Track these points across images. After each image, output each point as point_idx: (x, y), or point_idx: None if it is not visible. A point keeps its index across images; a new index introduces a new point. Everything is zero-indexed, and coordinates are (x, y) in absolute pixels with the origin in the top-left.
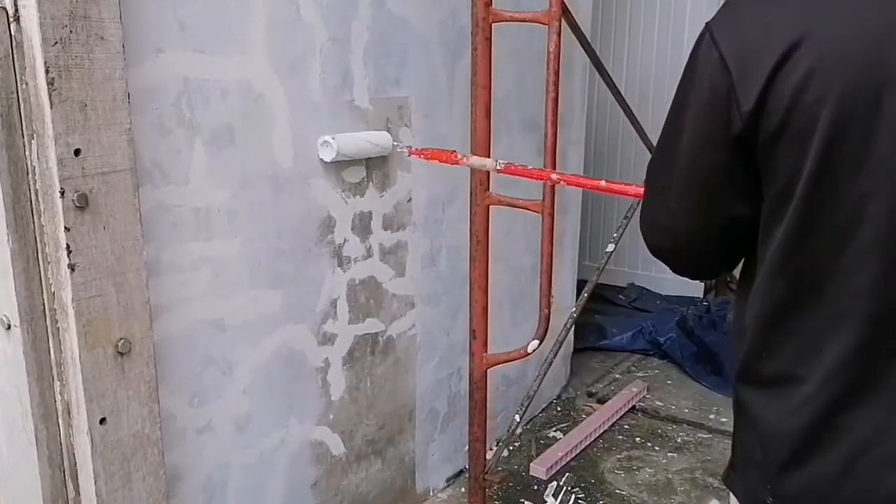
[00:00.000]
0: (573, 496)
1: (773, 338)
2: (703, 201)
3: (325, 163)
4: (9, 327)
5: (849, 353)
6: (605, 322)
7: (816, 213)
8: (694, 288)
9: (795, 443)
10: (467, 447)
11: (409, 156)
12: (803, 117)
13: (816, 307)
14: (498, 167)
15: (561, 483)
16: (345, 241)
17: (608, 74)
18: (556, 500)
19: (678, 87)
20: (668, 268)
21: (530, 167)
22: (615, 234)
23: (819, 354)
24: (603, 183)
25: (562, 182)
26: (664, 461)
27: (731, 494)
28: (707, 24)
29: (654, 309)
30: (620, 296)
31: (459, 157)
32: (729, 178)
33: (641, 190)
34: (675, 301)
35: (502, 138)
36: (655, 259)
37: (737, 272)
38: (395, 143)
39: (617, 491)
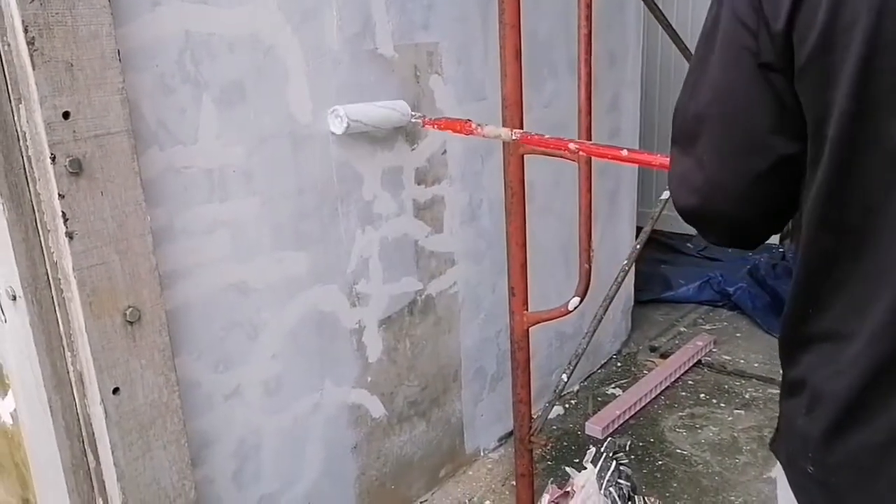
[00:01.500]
0: (615, 461)
1: (819, 292)
2: (739, 141)
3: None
4: (14, 298)
5: None
6: (670, 272)
7: (857, 151)
8: None
9: (839, 408)
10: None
11: (423, 127)
12: (837, 42)
13: (863, 257)
14: (514, 136)
15: (603, 448)
16: (374, 197)
17: (660, 10)
18: (595, 466)
19: (707, 20)
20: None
21: (545, 136)
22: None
23: (867, 310)
24: (625, 153)
25: (581, 152)
26: (730, 419)
27: (777, 461)
28: None
29: (724, 258)
30: (689, 244)
31: (474, 126)
32: (767, 108)
33: (667, 160)
34: None
35: (547, 82)
36: None
37: None
38: (412, 114)
39: (677, 450)
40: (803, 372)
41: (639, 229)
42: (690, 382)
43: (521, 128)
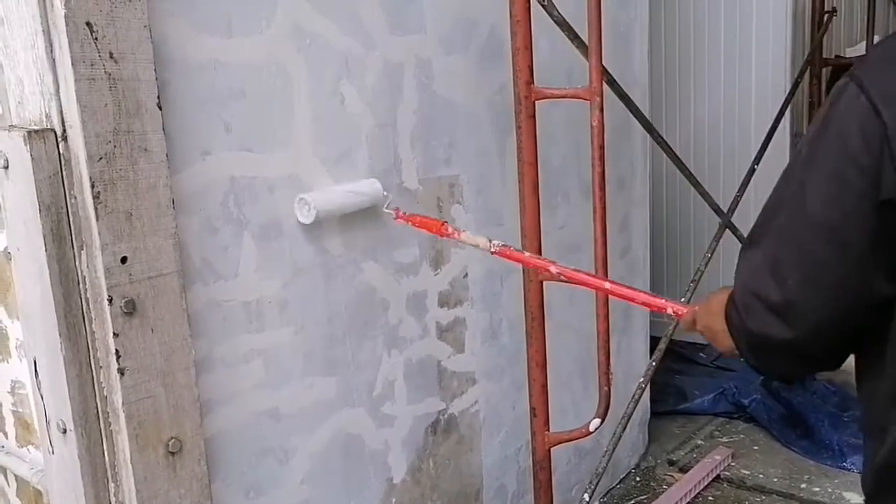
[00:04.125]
0: None
1: None
2: (836, 275)
3: (377, 247)
4: (65, 431)
5: None
6: (685, 383)
7: None
8: None
9: None
10: None
11: (396, 220)
12: None
13: None
14: (492, 249)
15: None
16: (399, 321)
17: (664, 141)
18: None
19: (808, 144)
20: (773, 367)
21: (525, 253)
22: (682, 300)
23: None
24: (608, 285)
25: (562, 277)
26: None
27: None
28: (851, 71)
29: (738, 367)
30: (702, 353)
31: (451, 229)
32: (872, 246)
33: (650, 298)
34: None
35: (560, 208)
36: None
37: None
38: (384, 194)
39: None
40: None
41: (652, 339)
42: (711, 498)
43: (540, 252)
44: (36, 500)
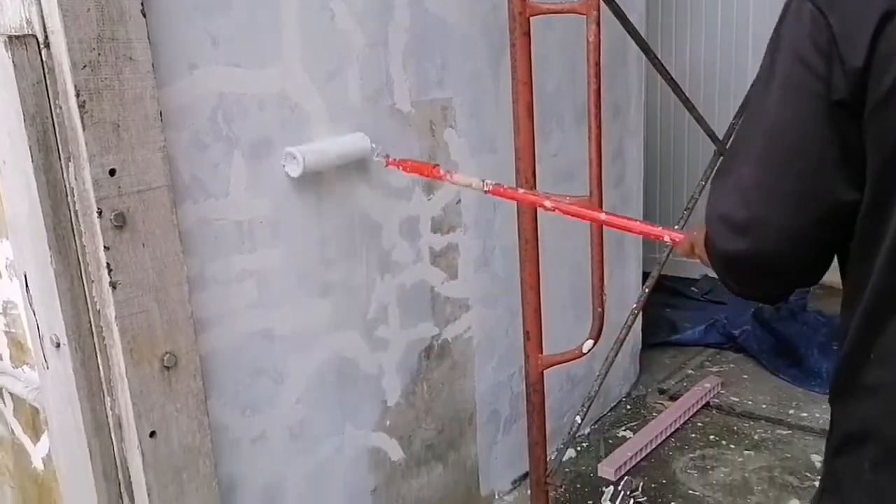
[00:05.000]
0: (632, 500)
1: (882, 340)
2: (796, 183)
3: (369, 169)
4: (58, 345)
5: None
6: (676, 316)
7: None
8: None
9: None
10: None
11: (387, 166)
12: None
13: None
14: (485, 188)
15: (619, 487)
16: (393, 246)
17: (660, 62)
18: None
19: (765, 65)
20: (738, 281)
21: (518, 189)
22: (675, 227)
23: None
24: (603, 216)
25: (557, 211)
26: (740, 460)
27: None
28: None
29: (728, 300)
30: (693, 288)
31: (443, 172)
32: (832, 150)
33: (646, 227)
34: None
35: (554, 134)
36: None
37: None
38: (372, 147)
39: (690, 492)
40: (865, 424)
41: (644, 274)
42: (700, 424)
43: (534, 178)
44: (33, 418)
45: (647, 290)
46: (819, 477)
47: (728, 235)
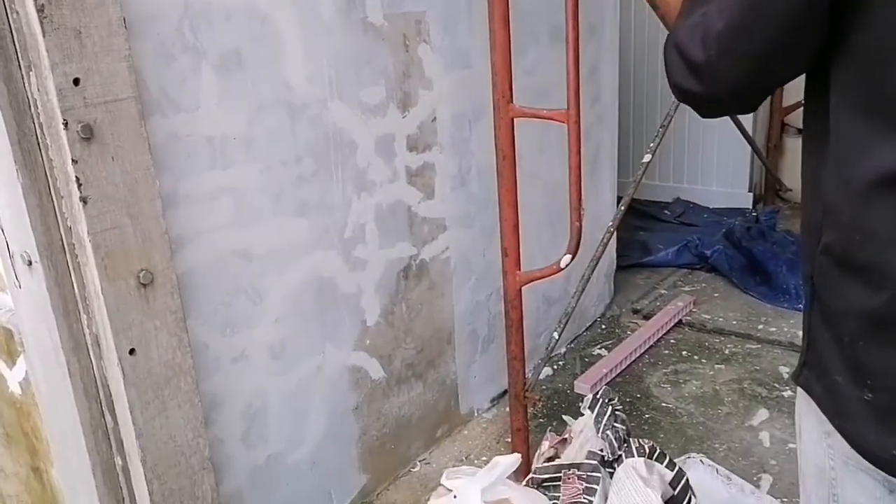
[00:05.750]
0: (610, 407)
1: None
2: (756, 47)
3: (342, 85)
4: (30, 263)
5: None
6: (649, 238)
7: None
8: (742, 199)
9: None
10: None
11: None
12: None
13: None
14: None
15: (597, 395)
16: (368, 164)
17: None
18: (591, 412)
19: None
20: (694, 109)
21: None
22: (651, 145)
23: None
24: None
25: None
26: (711, 373)
27: (802, 394)
28: None
29: (700, 223)
30: (666, 211)
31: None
32: (795, 17)
33: None
34: (722, 213)
35: (529, 49)
36: (702, 170)
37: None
38: None
39: (663, 404)
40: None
41: (617, 199)
42: (672, 341)
43: (511, 92)
44: (6, 341)
45: (622, 209)
46: (786, 388)
47: (683, 71)
